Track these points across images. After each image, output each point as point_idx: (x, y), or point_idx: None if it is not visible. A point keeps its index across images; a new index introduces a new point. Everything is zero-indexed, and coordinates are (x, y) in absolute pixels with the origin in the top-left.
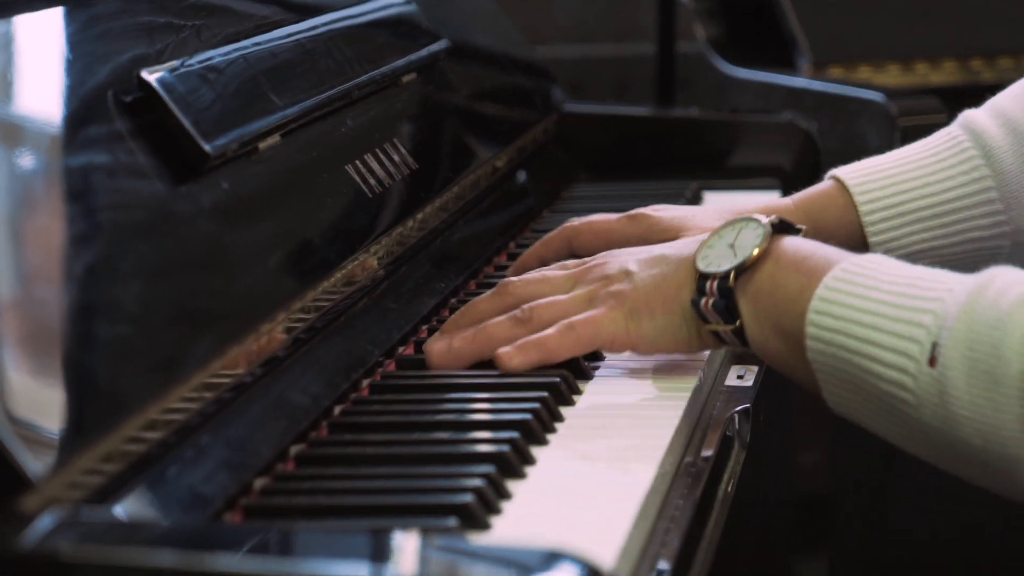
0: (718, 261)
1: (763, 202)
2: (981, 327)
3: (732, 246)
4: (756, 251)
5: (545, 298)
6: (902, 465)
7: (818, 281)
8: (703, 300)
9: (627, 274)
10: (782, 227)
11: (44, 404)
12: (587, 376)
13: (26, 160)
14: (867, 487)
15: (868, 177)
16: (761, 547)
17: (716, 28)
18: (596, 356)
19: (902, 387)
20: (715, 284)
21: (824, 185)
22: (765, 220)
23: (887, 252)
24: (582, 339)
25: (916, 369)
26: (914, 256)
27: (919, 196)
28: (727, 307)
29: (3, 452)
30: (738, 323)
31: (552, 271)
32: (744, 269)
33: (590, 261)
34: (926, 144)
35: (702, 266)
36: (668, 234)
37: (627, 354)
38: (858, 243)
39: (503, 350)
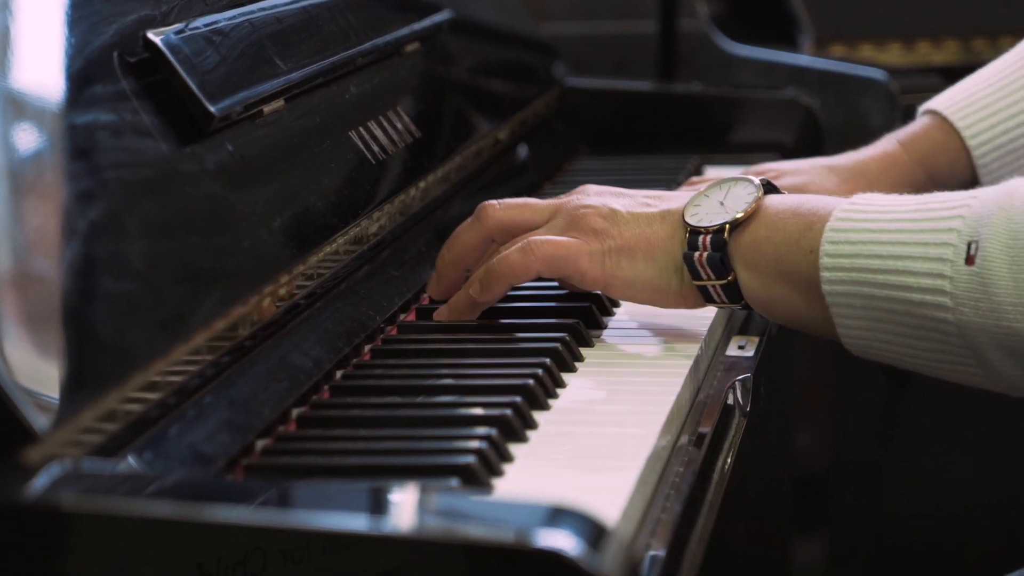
0: (709, 216)
1: (877, 151)
2: (1022, 218)
3: (722, 203)
4: (750, 205)
5: (522, 228)
6: (898, 443)
7: (823, 218)
8: (696, 254)
9: (611, 212)
10: (770, 188)
11: (49, 360)
12: (588, 343)
13: (31, 118)
14: (863, 466)
15: (974, 115)
16: (759, 524)
17: (718, 5)
18: (599, 323)
19: (938, 292)
20: (708, 238)
21: (926, 125)
22: (757, 180)
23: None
24: (549, 259)
25: (952, 270)
26: None
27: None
28: (721, 260)
29: (9, 405)
30: (731, 277)
31: (532, 200)
32: (738, 224)
33: (572, 193)
34: (1015, 68)
35: (693, 221)
36: None
37: (630, 322)
38: (969, 182)
39: (471, 287)
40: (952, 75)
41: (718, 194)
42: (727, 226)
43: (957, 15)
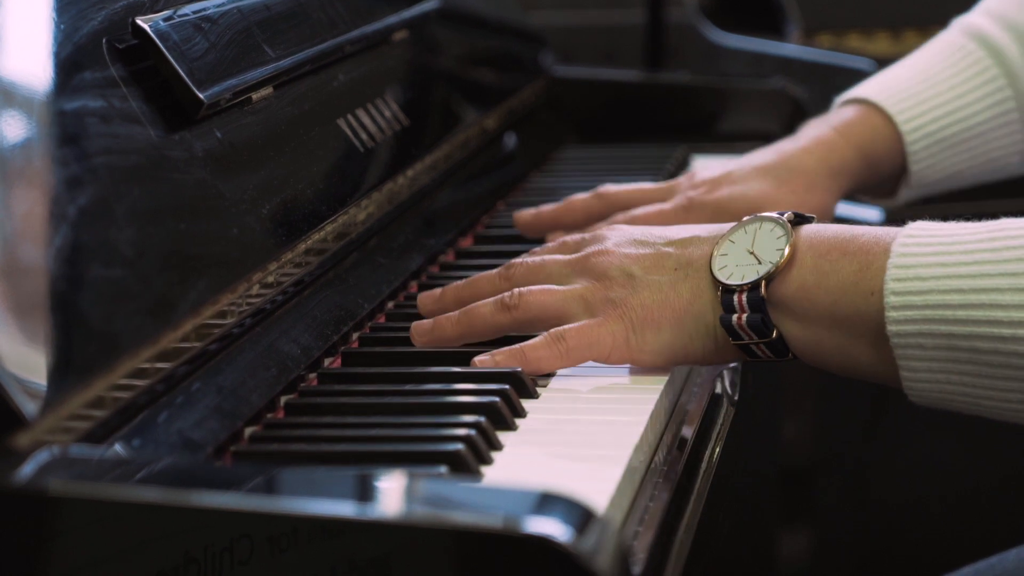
0: (741, 271)
1: (811, 139)
2: None
3: (751, 251)
4: (786, 254)
5: (537, 286)
6: (883, 436)
7: (879, 255)
8: (734, 317)
9: (629, 277)
10: (797, 219)
11: (37, 347)
12: None
13: (20, 105)
14: (849, 458)
15: (906, 103)
16: (746, 514)
17: None
18: None
19: None
20: (743, 297)
21: (860, 113)
22: (781, 217)
23: (923, 178)
24: (572, 352)
25: None
26: (941, 181)
27: (954, 121)
28: (763, 320)
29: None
30: (774, 334)
31: (552, 255)
32: (774, 275)
33: (589, 247)
34: (944, 57)
35: (722, 277)
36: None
37: None
38: (898, 170)
39: (480, 358)
40: None
41: (743, 239)
42: (762, 282)
43: (945, 4)
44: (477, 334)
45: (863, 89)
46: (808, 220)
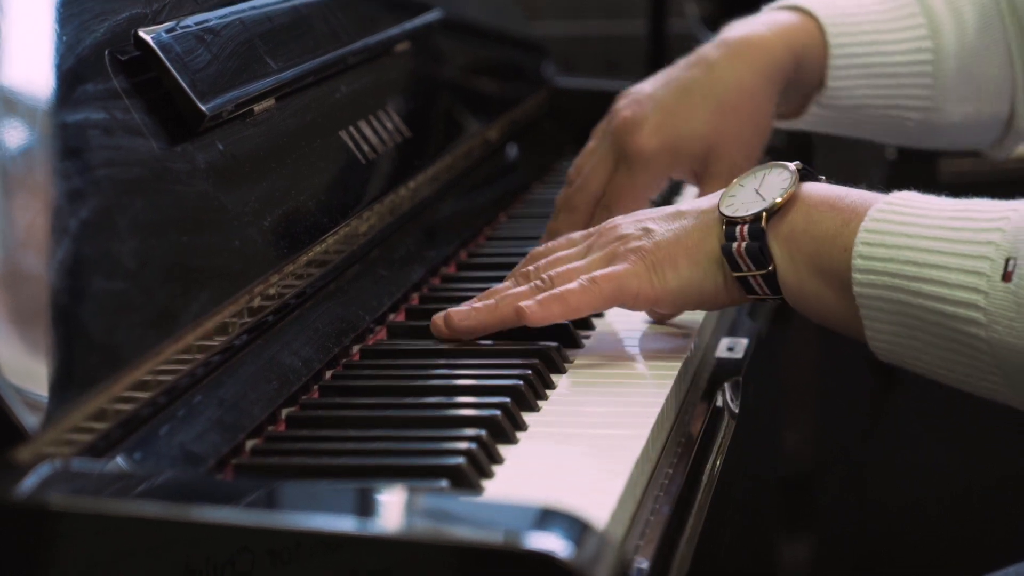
0: (745, 206)
1: (740, 36)
2: None
3: (757, 191)
4: (787, 193)
5: (563, 264)
6: (883, 444)
7: (860, 216)
8: (734, 245)
9: (646, 231)
10: (806, 173)
11: (40, 359)
12: (578, 345)
13: (22, 116)
14: (849, 466)
15: (838, 19)
16: (747, 524)
17: (707, 5)
18: (587, 324)
19: (971, 306)
20: (745, 228)
21: (798, 20)
22: (792, 166)
23: (833, 99)
24: (605, 293)
25: (988, 285)
26: (847, 112)
27: (875, 53)
28: (760, 249)
29: (1, 405)
30: (771, 267)
31: (564, 248)
32: (775, 211)
33: (604, 225)
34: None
35: (728, 211)
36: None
37: (617, 324)
38: (813, 86)
39: (525, 303)
40: None
41: (753, 182)
42: (764, 214)
43: None
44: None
45: (806, 3)
46: (815, 177)
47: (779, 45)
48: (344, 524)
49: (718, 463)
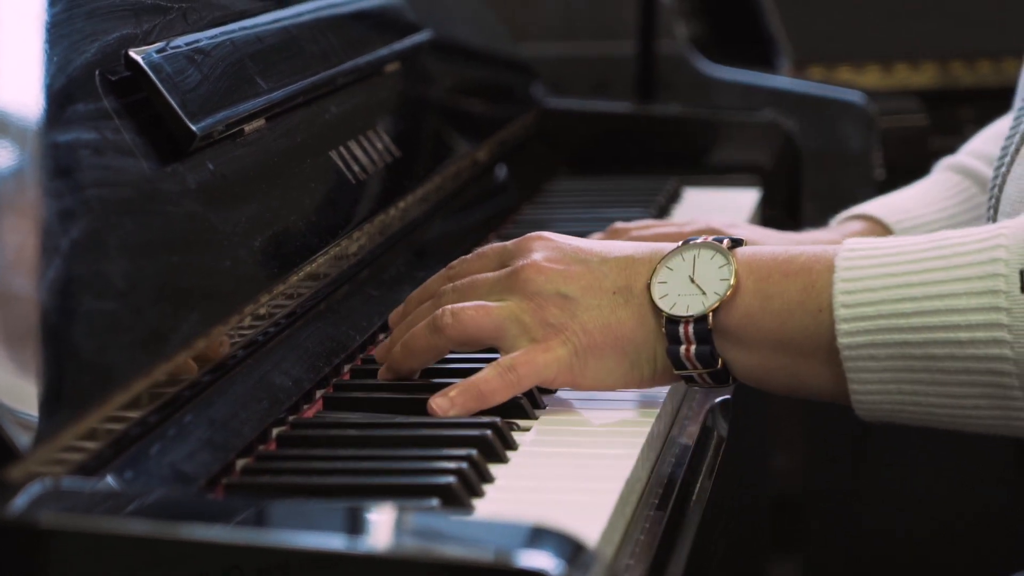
0: (685, 301)
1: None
2: None
3: (692, 279)
4: (730, 287)
5: (470, 303)
6: (872, 465)
7: (822, 273)
8: (682, 349)
9: (565, 299)
10: (733, 244)
11: (31, 379)
12: None
13: (12, 136)
14: (838, 487)
15: (901, 214)
16: (736, 545)
17: (697, 26)
18: None
19: (993, 326)
20: (691, 329)
21: (861, 227)
22: (720, 244)
23: None
24: (522, 381)
25: (1008, 301)
26: None
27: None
28: (711, 352)
29: None
30: (719, 364)
31: (480, 275)
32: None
33: (516, 261)
34: (933, 185)
35: (666, 307)
36: None
37: None
38: None
39: (436, 401)
40: (930, 98)
41: (682, 266)
42: (709, 315)
43: (935, 37)
44: (421, 360)
45: (860, 207)
46: (741, 243)
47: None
48: (334, 543)
49: (708, 483)
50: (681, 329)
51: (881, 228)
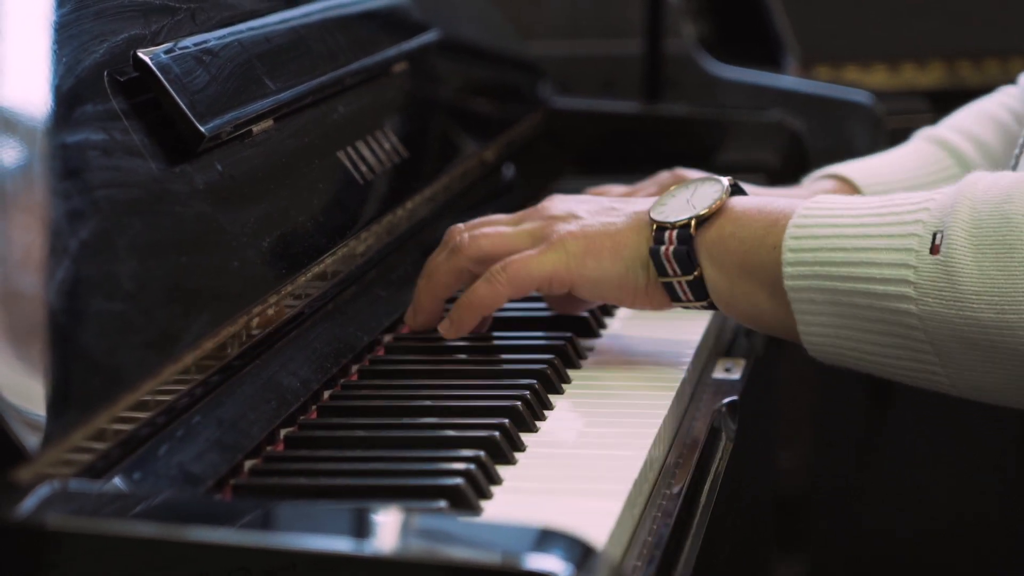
0: (676, 212)
1: (780, 192)
2: (986, 205)
3: (688, 201)
4: (716, 202)
5: (491, 227)
6: (877, 465)
7: (787, 216)
8: (662, 248)
9: (574, 216)
10: (736, 188)
11: (40, 380)
12: (576, 364)
13: (21, 137)
14: (844, 487)
15: (872, 177)
16: (742, 545)
17: (704, 25)
18: (584, 344)
19: (901, 282)
20: (675, 233)
21: (827, 184)
22: (724, 180)
23: None
24: (514, 280)
25: (917, 260)
26: None
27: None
28: (687, 253)
29: (1, 425)
30: (696, 273)
31: (497, 216)
32: (705, 218)
33: (538, 205)
34: (908, 153)
35: (659, 217)
36: None
37: (615, 345)
38: None
39: (442, 326)
40: (937, 98)
41: (685, 193)
42: (693, 221)
43: (942, 37)
44: (442, 286)
45: (836, 167)
46: (743, 191)
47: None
48: (342, 545)
49: (714, 483)
50: (666, 234)
51: (851, 189)
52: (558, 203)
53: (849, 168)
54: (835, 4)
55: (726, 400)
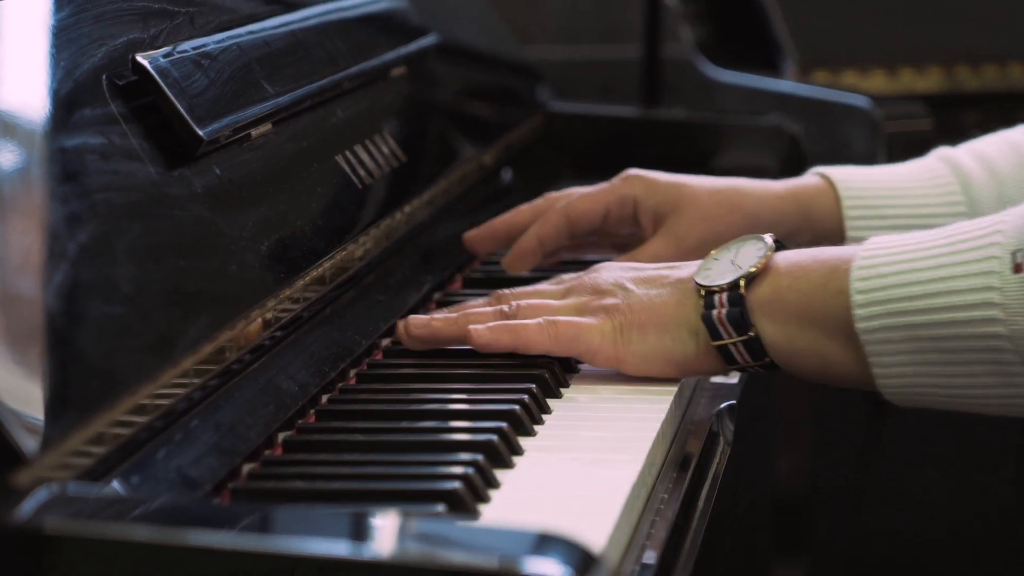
0: (722, 275)
1: (758, 183)
2: None
3: (733, 262)
4: (763, 259)
5: (537, 298)
6: (877, 469)
7: (846, 260)
8: (715, 313)
9: (621, 288)
10: (779, 245)
11: (38, 383)
12: (574, 369)
13: (20, 140)
14: (843, 490)
15: (852, 177)
16: (741, 548)
17: (702, 30)
18: None
19: (987, 305)
20: (724, 295)
21: (811, 179)
22: (767, 238)
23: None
24: (561, 338)
25: (1000, 281)
26: None
27: (896, 204)
28: (741, 314)
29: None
30: (751, 332)
31: (545, 284)
32: (754, 277)
33: (585, 273)
34: (912, 167)
35: (705, 281)
36: (668, 192)
37: None
38: (837, 237)
39: (475, 326)
40: (935, 102)
41: (728, 254)
42: (742, 281)
43: (940, 42)
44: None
45: (823, 167)
46: (784, 247)
47: (785, 196)
48: (340, 549)
49: (713, 487)
50: (716, 297)
51: (829, 186)
52: (605, 274)
53: (835, 169)
54: (833, 9)
55: (724, 404)
